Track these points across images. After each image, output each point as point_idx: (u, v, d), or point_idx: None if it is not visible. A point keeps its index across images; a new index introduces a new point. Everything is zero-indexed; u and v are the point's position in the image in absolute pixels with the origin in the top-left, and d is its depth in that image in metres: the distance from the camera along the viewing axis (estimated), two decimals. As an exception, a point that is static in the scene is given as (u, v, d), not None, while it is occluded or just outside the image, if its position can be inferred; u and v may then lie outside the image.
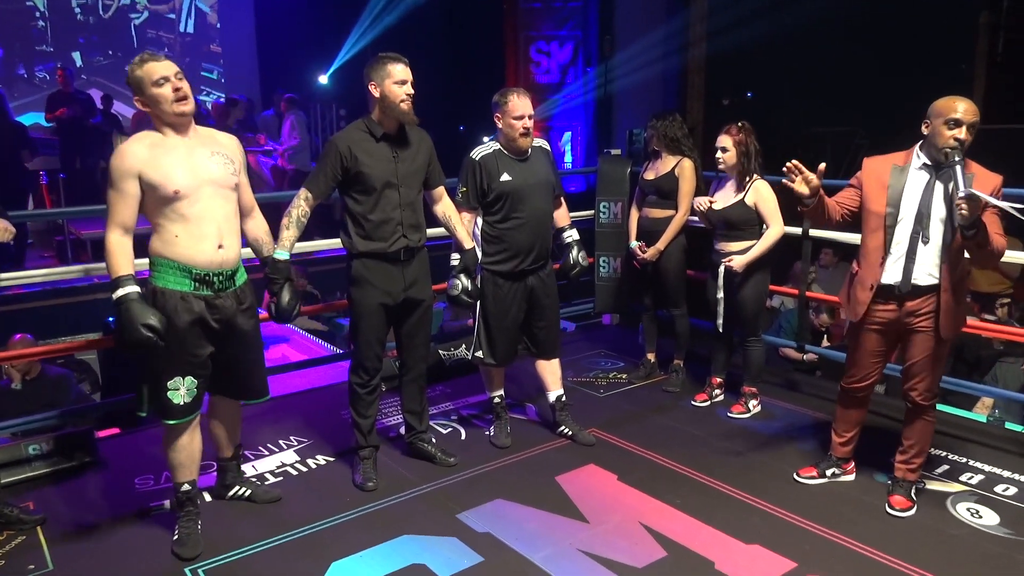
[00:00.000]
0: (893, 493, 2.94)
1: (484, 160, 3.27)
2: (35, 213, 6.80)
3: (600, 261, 4.75)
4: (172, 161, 2.50)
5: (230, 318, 2.65)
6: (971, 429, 3.65)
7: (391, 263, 3.02)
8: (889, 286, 2.75)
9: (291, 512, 2.95)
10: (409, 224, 3.02)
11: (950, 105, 2.60)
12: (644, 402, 4.03)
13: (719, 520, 2.85)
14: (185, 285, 2.56)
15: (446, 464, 3.29)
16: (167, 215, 2.52)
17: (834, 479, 3.11)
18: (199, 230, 2.54)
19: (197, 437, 2.74)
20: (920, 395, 2.85)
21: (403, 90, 2.90)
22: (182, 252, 2.53)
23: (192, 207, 2.52)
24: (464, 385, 4.25)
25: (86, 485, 3.20)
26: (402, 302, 3.09)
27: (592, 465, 3.31)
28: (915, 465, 2.94)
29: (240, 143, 2.78)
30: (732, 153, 3.57)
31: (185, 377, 2.61)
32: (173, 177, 2.48)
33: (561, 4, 9.98)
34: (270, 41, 11.25)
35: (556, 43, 10.05)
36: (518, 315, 3.40)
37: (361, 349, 3.11)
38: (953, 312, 2.74)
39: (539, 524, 2.85)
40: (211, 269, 2.57)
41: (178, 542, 2.69)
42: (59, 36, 10.59)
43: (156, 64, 2.49)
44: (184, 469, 2.72)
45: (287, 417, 3.87)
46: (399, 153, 2.99)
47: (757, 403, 3.84)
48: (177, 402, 2.61)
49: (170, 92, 2.48)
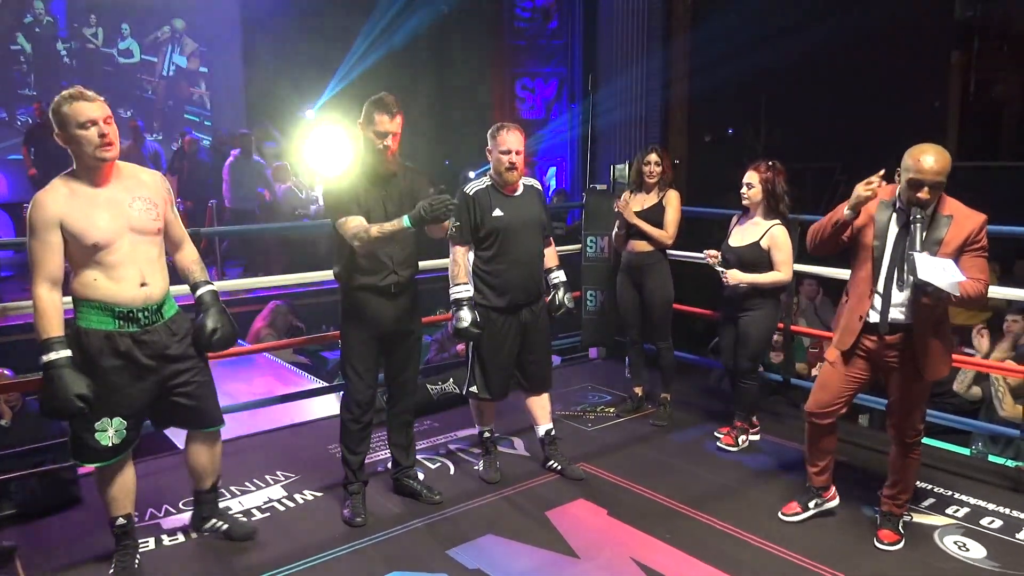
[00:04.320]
0: (881, 527, 2.94)
1: (477, 195, 3.30)
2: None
3: (587, 295, 4.78)
4: (91, 212, 2.44)
5: (162, 351, 2.60)
6: (956, 462, 3.69)
7: (382, 296, 3.03)
8: (872, 323, 2.77)
9: (279, 549, 2.91)
10: (399, 261, 3.03)
11: (915, 162, 2.55)
12: (633, 436, 4.04)
13: (710, 555, 2.84)
14: (108, 324, 2.51)
15: (431, 501, 3.27)
16: (86, 262, 2.48)
17: (818, 509, 3.09)
18: (118, 274, 2.50)
19: (129, 472, 2.71)
20: (903, 432, 2.84)
21: (384, 141, 2.91)
22: (103, 293, 2.49)
23: (112, 255, 2.48)
24: (453, 419, 4.23)
25: (68, 522, 3.15)
26: (391, 334, 3.09)
27: (582, 500, 3.30)
28: (902, 500, 2.94)
29: (164, 178, 2.74)
30: (757, 190, 3.60)
31: (113, 418, 2.56)
32: (92, 230, 2.44)
33: (545, 42, 10.16)
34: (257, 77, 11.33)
35: (541, 80, 10.20)
36: (512, 349, 3.41)
37: (353, 383, 3.10)
38: (933, 352, 2.71)
39: (530, 560, 2.83)
40: (134, 306, 2.53)
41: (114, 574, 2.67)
42: (42, 79, 10.60)
43: (85, 105, 2.40)
44: (117, 503, 2.69)
45: (273, 452, 3.83)
46: (388, 191, 3.01)
47: (746, 438, 3.84)
48: (105, 444, 2.56)
49: (95, 136, 2.41)
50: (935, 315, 2.70)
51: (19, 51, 10.48)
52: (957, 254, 2.60)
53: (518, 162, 3.27)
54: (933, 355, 2.72)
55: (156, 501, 3.26)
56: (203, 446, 2.87)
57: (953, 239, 2.60)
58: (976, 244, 2.60)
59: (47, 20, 10.65)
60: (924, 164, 2.54)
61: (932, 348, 2.71)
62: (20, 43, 10.46)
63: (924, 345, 2.70)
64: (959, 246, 2.60)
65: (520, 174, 3.33)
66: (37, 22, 10.58)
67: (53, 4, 10.63)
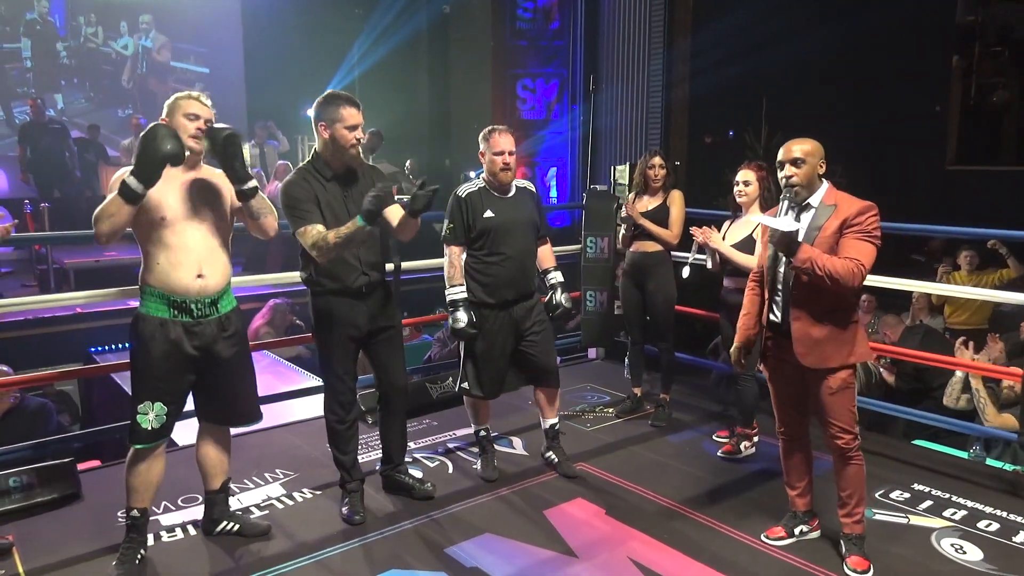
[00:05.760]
0: (848, 554, 2.77)
1: (470, 197, 3.34)
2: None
3: (587, 295, 4.79)
4: (167, 189, 2.61)
5: (209, 345, 2.68)
6: (953, 465, 3.69)
7: (354, 298, 3.03)
8: (773, 321, 2.78)
9: (277, 546, 2.92)
10: (367, 262, 3.03)
11: (780, 151, 2.71)
12: (631, 436, 4.04)
13: (707, 556, 2.85)
14: (163, 311, 2.62)
15: (425, 492, 3.27)
16: (153, 241, 2.62)
17: (803, 536, 2.94)
18: (177, 258, 2.62)
19: (157, 466, 2.74)
20: (831, 437, 2.72)
21: (354, 135, 2.91)
22: (161, 279, 2.62)
23: (174, 236, 2.62)
24: (451, 418, 4.24)
25: (67, 518, 3.15)
26: (368, 333, 3.09)
27: (580, 499, 3.31)
28: (858, 516, 2.78)
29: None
30: (754, 187, 3.59)
31: (155, 403, 2.64)
32: (163, 204, 2.60)
33: (547, 43, 10.15)
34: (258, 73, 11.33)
35: (542, 80, 10.19)
36: (504, 346, 3.41)
37: (333, 384, 3.11)
38: (812, 341, 2.64)
39: (527, 559, 2.84)
40: (188, 296, 2.63)
41: (116, 568, 2.69)
42: (41, 78, 10.62)
43: (193, 103, 2.67)
44: (136, 495, 2.72)
45: (273, 450, 3.84)
46: (349, 192, 2.99)
47: (750, 444, 3.80)
48: (145, 426, 2.64)
49: (192, 127, 2.65)
50: (818, 303, 2.64)
51: (18, 49, 10.47)
52: (835, 238, 2.61)
53: (512, 163, 3.33)
54: (816, 344, 2.64)
55: (156, 498, 3.24)
56: (217, 442, 2.92)
57: (831, 224, 2.62)
58: (854, 226, 2.58)
59: (50, 19, 10.66)
60: (784, 147, 2.69)
61: (811, 335, 2.64)
62: (21, 41, 10.46)
63: (802, 331, 2.65)
64: (836, 229, 2.61)
65: (514, 175, 3.38)
66: (40, 20, 10.58)
67: (53, 2, 10.64)
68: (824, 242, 2.61)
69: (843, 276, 2.52)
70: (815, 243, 2.61)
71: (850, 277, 2.53)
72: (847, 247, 2.59)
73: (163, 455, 2.76)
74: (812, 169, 2.67)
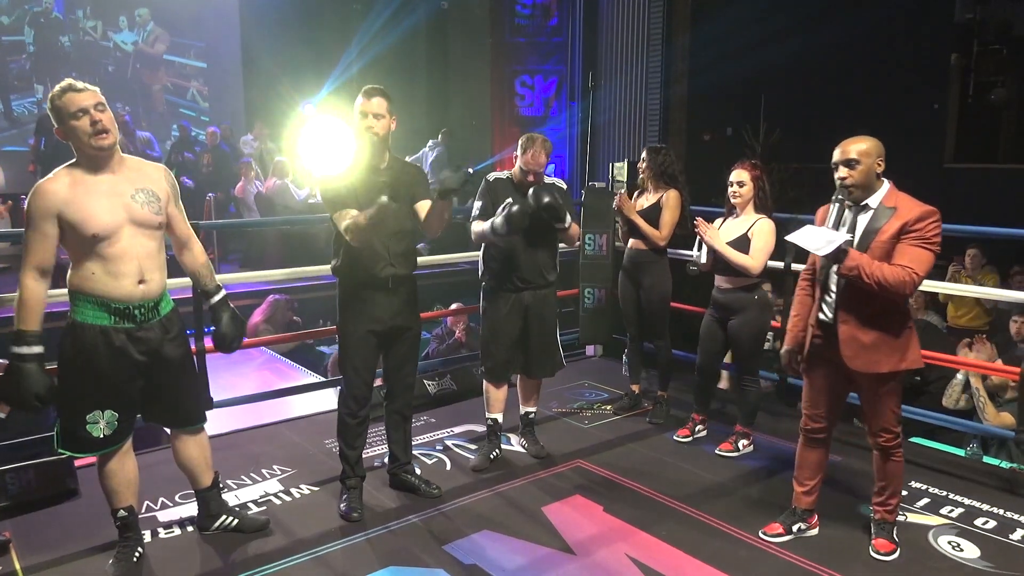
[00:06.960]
0: (876, 536, 2.87)
1: (495, 182, 3.53)
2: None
3: (585, 292, 4.79)
4: (92, 202, 2.43)
5: (156, 349, 2.61)
6: (950, 463, 3.70)
7: (379, 290, 3.03)
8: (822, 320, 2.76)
9: (275, 543, 2.91)
10: (396, 253, 3.04)
11: (835, 151, 2.63)
12: (629, 434, 4.04)
13: (706, 553, 2.85)
14: (104, 319, 2.50)
15: (430, 495, 3.27)
16: (85, 253, 2.46)
17: (800, 534, 2.96)
18: (117, 268, 2.48)
19: (128, 464, 2.70)
20: (874, 435, 2.78)
21: (365, 123, 2.95)
22: (99, 288, 2.47)
23: (111, 247, 2.46)
24: (449, 415, 4.23)
25: (64, 515, 3.15)
26: (389, 329, 3.09)
27: (578, 496, 3.31)
28: (892, 506, 2.86)
29: (169, 172, 2.73)
30: (749, 187, 3.59)
31: (105, 411, 2.56)
32: (92, 219, 2.42)
33: (545, 39, 10.15)
34: (256, 70, 11.30)
35: (540, 77, 10.19)
36: (512, 330, 3.51)
37: (350, 378, 3.11)
38: (859, 345, 2.62)
39: (526, 556, 2.84)
40: (131, 302, 2.52)
41: (112, 567, 2.68)
42: (41, 71, 10.58)
43: (75, 95, 2.40)
44: (117, 496, 2.69)
45: (270, 446, 3.83)
46: (383, 180, 3.00)
47: (748, 443, 3.81)
48: (96, 435, 2.57)
49: (87, 125, 2.40)
50: (868, 306, 2.61)
51: (20, 42, 10.44)
52: (893, 243, 2.55)
53: (538, 178, 3.48)
54: (864, 348, 2.62)
55: (152, 494, 3.26)
56: (188, 443, 2.85)
57: (890, 227, 2.55)
58: (912, 232, 2.53)
59: (55, 15, 10.63)
60: (839, 147, 2.62)
61: (859, 340, 2.62)
62: (24, 34, 10.42)
63: (848, 334, 2.63)
64: (895, 233, 2.55)
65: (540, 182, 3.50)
66: (44, 13, 10.55)
67: (55, -1, 10.64)
68: (881, 246, 2.55)
69: (893, 285, 2.48)
70: (871, 246, 2.56)
71: (900, 286, 2.49)
72: (902, 253, 2.52)
73: (131, 452, 2.72)
74: (869, 169, 2.58)
